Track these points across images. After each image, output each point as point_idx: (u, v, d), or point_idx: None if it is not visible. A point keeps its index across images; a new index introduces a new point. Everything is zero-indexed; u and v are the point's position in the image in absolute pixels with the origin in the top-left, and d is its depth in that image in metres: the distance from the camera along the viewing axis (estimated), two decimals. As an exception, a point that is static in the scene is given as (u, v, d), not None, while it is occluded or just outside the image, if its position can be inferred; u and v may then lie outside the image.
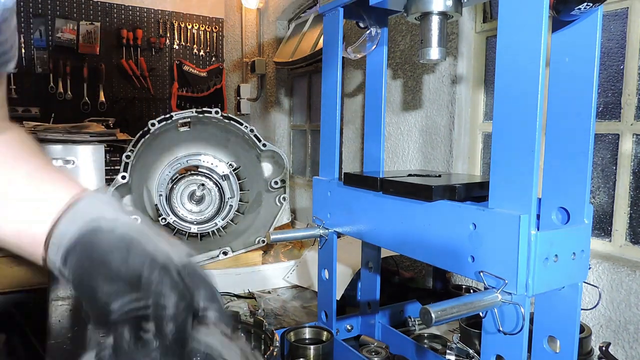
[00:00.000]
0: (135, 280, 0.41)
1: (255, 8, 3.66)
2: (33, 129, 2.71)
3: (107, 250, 0.43)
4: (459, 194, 0.82)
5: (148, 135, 1.65)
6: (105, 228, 0.45)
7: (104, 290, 0.41)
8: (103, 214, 0.47)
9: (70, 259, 0.45)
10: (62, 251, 0.45)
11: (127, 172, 1.60)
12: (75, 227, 0.45)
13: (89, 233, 0.45)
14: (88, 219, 0.46)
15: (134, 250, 0.43)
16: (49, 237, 0.47)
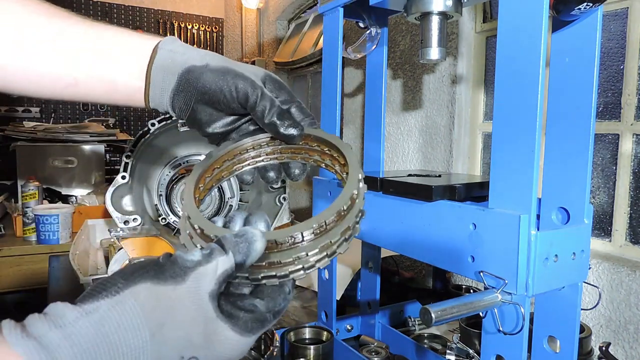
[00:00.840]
0: (243, 100, 0.53)
1: (255, 8, 3.66)
2: (33, 129, 2.71)
3: (211, 79, 0.53)
4: (459, 194, 0.82)
5: (148, 135, 1.65)
6: (198, 66, 0.54)
7: (225, 105, 0.54)
8: (190, 54, 0.55)
9: (177, 100, 0.55)
10: (167, 98, 0.55)
11: (127, 172, 1.60)
12: (172, 75, 0.54)
13: (186, 73, 0.54)
14: (180, 64, 0.54)
15: (232, 76, 0.53)
16: (147, 90, 0.55)
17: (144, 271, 0.40)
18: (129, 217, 1.60)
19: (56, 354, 0.34)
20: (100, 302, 0.37)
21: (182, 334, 0.39)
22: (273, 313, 0.44)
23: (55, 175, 2.66)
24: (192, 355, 0.40)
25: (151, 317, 0.38)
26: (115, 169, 2.80)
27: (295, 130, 0.54)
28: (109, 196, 1.58)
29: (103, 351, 0.36)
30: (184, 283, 0.39)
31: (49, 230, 2.10)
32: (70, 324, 0.36)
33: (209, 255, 0.41)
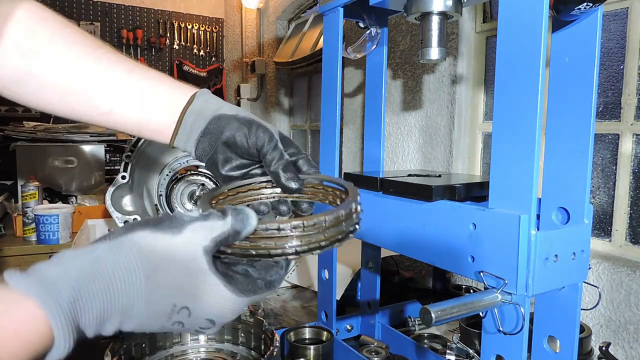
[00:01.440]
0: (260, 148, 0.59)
1: (255, 8, 3.66)
2: (33, 129, 2.71)
3: (237, 129, 0.59)
4: (459, 194, 0.82)
5: (148, 135, 1.65)
6: (228, 115, 0.61)
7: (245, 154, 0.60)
8: (220, 105, 0.62)
9: (203, 142, 0.61)
10: (194, 139, 0.61)
11: (127, 172, 1.60)
12: (203, 120, 0.60)
13: (217, 119, 0.60)
14: (212, 111, 0.61)
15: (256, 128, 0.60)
16: (176, 129, 0.61)
17: (144, 222, 0.43)
18: (129, 217, 1.60)
19: (54, 285, 0.37)
20: (99, 244, 0.41)
21: (175, 280, 0.41)
22: (265, 282, 0.47)
23: (55, 175, 2.66)
24: (184, 305, 0.42)
25: (147, 260, 0.40)
26: (115, 169, 2.80)
27: (295, 183, 0.60)
28: (109, 196, 1.58)
29: (99, 286, 0.38)
30: (180, 234, 0.42)
31: (49, 230, 2.10)
32: (68, 260, 0.39)
33: (206, 215, 0.44)
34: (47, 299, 0.36)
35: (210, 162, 0.63)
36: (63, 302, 0.36)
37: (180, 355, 1.05)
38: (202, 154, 0.62)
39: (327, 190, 0.62)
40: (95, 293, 0.38)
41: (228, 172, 0.63)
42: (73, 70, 0.60)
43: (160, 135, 0.63)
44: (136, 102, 0.62)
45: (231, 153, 0.62)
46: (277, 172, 0.59)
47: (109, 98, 0.62)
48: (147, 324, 0.42)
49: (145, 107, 0.62)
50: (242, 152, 0.61)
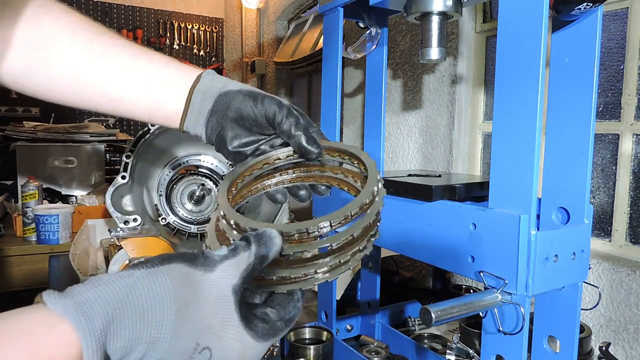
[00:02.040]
0: (271, 117, 0.58)
1: (255, 8, 3.66)
2: (33, 129, 2.71)
3: (243, 101, 0.59)
4: (459, 194, 0.82)
5: (148, 135, 1.65)
6: (234, 90, 0.60)
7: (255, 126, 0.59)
8: (226, 82, 0.62)
9: (212, 120, 0.60)
10: (203, 119, 0.60)
11: (127, 172, 1.60)
12: (210, 99, 0.60)
13: (223, 95, 0.60)
14: (218, 89, 0.60)
15: (262, 97, 0.59)
16: (185, 111, 0.61)
17: (179, 256, 0.43)
18: (129, 217, 1.60)
19: (90, 309, 0.37)
20: (135, 271, 0.41)
21: (204, 316, 0.42)
22: (284, 321, 0.47)
23: (55, 175, 2.66)
24: (207, 345, 0.42)
25: (180, 292, 0.41)
26: (115, 169, 2.80)
27: (316, 148, 0.59)
28: (109, 196, 1.58)
29: (130, 312, 0.39)
30: (212, 272, 0.43)
31: (49, 230, 2.10)
32: (104, 284, 0.39)
33: (234, 250, 0.45)
34: (82, 323, 0.36)
35: (218, 140, 0.62)
36: (96, 327, 0.37)
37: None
38: (211, 133, 0.61)
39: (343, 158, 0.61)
40: (127, 320, 0.38)
41: (237, 149, 0.61)
42: (80, 59, 0.60)
43: (170, 120, 0.63)
44: (145, 87, 0.62)
45: (239, 128, 0.61)
46: (299, 135, 0.58)
47: (117, 85, 0.61)
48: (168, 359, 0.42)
49: (154, 91, 0.62)
50: (251, 125, 0.60)
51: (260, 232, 0.46)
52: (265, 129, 0.60)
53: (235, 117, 0.60)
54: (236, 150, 0.62)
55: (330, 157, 0.62)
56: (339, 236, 0.48)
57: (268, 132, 0.61)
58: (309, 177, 0.63)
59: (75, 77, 0.61)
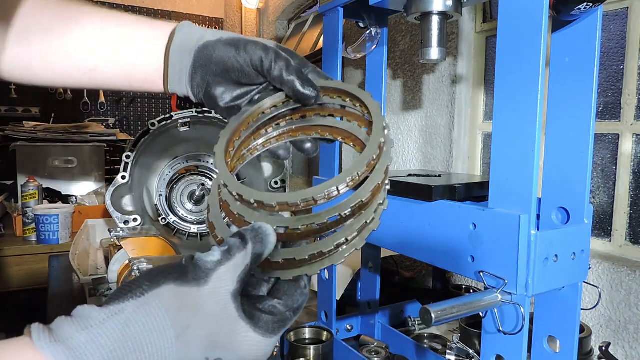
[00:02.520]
0: (258, 64, 0.54)
1: (255, 8, 3.66)
2: (33, 129, 2.71)
3: (224, 51, 0.54)
4: (459, 194, 0.82)
5: (148, 135, 1.65)
6: (213, 41, 0.55)
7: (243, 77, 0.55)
8: (203, 33, 0.57)
9: (195, 77, 0.56)
10: (187, 77, 0.56)
11: (127, 172, 1.60)
12: (188, 54, 0.56)
13: (202, 49, 0.55)
14: (195, 42, 0.56)
15: (244, 44, 0.54)
16: (165, 71, 0.57)
17: (167, 273, 0.40)
18: (129, 217, 1.60)
19: (84, 356, 0.35)
20: (126, 303, 0.38)
21: (207, 334, 0.40)
22: (292, 310, 0.45)
23: (55, 175, 2.66)
24: (217, 357, 0.40)
25: (176, 318, 0.38)
26: (115, 169, 2.80)
27: (312, 91, 0.54)
28: (109, 196, 1.58)
29: (129, 351, 0.37)
30: (207, 285, 0.40)
31: (49, 230, 2.10)
32: (96, 325, 0.37)
33: (228, 252, 0.41)
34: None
35: (207, 97, 0.57)
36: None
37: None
38: (199, 91, 0.57)
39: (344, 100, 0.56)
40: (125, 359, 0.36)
41: (229, 104, 0.57)
42: (49, 31, 0.57)
43: (152, 83, 0.59)
44: (117, 52, 0.58)
45: (227, 82, 0.56)
46: (291, 80, 0.53)
47: (89, 54, 0.57)
48: None
49: (128, 55, 0.58)
50: (239, 76, 0.55)
51: (256, 227, 0.43)
52: (254, 78, 0.55)
53: (219, 71, 0.55)
54: (229, 106, 0.57)
55: (330, 99, 0.57)
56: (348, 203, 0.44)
57: (259, 81, 0.56)
58: (310, 128, 0.58)
59: (45, 50, 0.57)
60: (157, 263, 1.14)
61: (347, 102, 0.56)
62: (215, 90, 0.56)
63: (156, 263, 1.13)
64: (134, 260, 1.15)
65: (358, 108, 0.55)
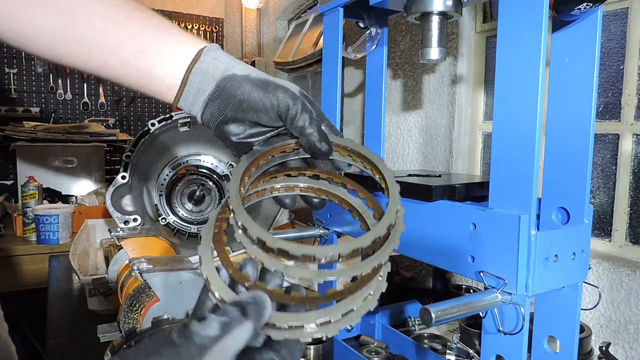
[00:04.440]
0: (284, 111, 0.54)
1: (255, 8, 3.66)
2: (33, 129, 2.71)
3: (251, 90, 0.53)
4: (459, 194, 0.82)
5: (148, 135, 1.65)
6: (240, 75, 0.54)
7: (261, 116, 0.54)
8: (231, 64, 0.56)
9: (211, 106, 0.55)
10: (202, 102, 0.55)
11: (127, 172, 1.60)
12: (211, 80, 0.55)
13: (227, 80, 0.54)
14: (221, 71, 0.55)
15: (273, 88, 0.54)
16: (181, 88, 0.56)
17: (158, 355, 0.35)
18: (129, 217, 1.60)
19: None
20: None
21: None
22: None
23: (55, 175, 2.66)
24: None
25: None
26: (115, 169, 2.80)
27: (326, 148, 0.55)
28: (109, 196, 1.58)
29: None
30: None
31: (49, 230, 2.10)
32: None
33: (227, 326, 0.37)
34: None
35: (219, 129, 0.56)
36: None
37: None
38: (210, 119, 0.56)
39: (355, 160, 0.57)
40: None
41: (241, 140, 0.56)
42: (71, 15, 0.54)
43: (162, 95, 0.58)
44: (134, 55, 0.55)
45: (244, 119, 0.55)
46: (311, 134, 0.53)
47: (104, 49, 0.55)
48: None
49: (145, 61, 0.56)
50: (259, 117, 0.54)
51: (257, 298, 0.39)
52: (274, 122, 0.55)
53: (241, 107, 0.54)
54: (239, 141, 0.56)
55: (340, 156, 0.58)
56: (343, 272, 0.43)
57: (277, 124, 0.56)
58: (320, 191, 0.59)
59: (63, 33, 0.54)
60: (157, 263, 1.13)
61: (357, 162, 0.58)
62: (230, 125, 0.56)
63: (156, 263, 1.13)
64: (134, 260, 1.15)
65: (368, 170, 0.57)
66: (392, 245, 0.47)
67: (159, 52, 0.56)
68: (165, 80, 0.56)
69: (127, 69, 0.56)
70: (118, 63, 0.56)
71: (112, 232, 1.53)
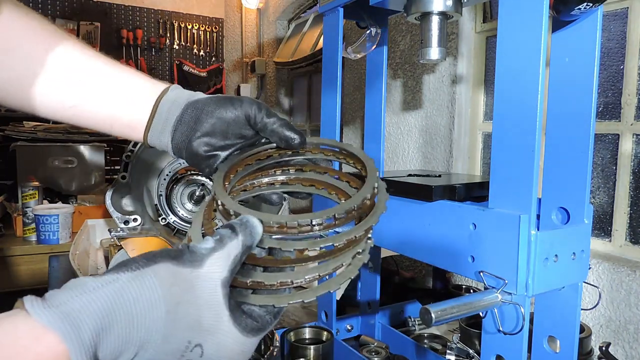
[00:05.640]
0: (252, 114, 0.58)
1: (255, 8, 3.66)
2: (33, 129, 2.71)
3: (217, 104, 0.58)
4: (459, 194, 0.82)
5: (148, 135, 1.65)
6: (204, 98, 0.60)
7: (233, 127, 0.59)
8: (195, 93, 0.61)
9: (181, 127, 0.59)
10: (170, 128, 0.59)
11: (127, 172, 1.60)
12: (178, 106, 0.59)
13: (193, 102, 0.59)
14: (186, 97, 0.60)
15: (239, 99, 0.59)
16: (150, 118, 0.60)
17: (165, 254, 0.42)
18: (129, 217, 1.60)
19: (78, 319, 0.36)
20: (121, 274, 0.39)
21: (195, 314, 0.41)
22: (272, 315, 0.46)
23: (55, 175, 2.66)
24: (198, 342, 0.41)
25: (168, 294, 0.40)
26: (115, 169, 2.80)
27: (298, 135, 0.59)
28: (109, 196, 1.58)
29: (120, 319, 0.37)
30: (201, 268, 0.42)
31: (49, 230, 2.10)
32: (90, 291, 0.37)
33: (220, 241, 0.43)
34: (71, 335, 0.35)
35: (190, 146, 0.60)
36: (85, 337, 0.35)
37: (180, 355, 1.06)
38: (181, 138, 0.59)
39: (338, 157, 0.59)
40: (116, 327, 0.37)
41: (209, 152, 0.60)
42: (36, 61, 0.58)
43: (132, 130, 0.62)
44: (105, 94, 0.60)
45: (212, 132, 0.59)
46: (280, 129, 0.58)
47: (73, 90, 0.60)
48: (160, 358, 0.41)
49: (116, 99, 0.60)
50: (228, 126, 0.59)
51: (244, 220, 0.45)
52: (243, 129, 0.59)
53: (210, 121, 0.58)
54: (210, 154, 0.60)
55: (324, 157, 0.61)
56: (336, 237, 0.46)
57: (246, 133, 0.60)
58: (305, 181, 0.61)
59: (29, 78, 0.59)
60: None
61: (340, 159, 0.60)
62: (201, 139, 0.59)
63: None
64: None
65: (352, 164, 0.59)
66: (380, 210, 0.50)
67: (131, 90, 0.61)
68: (135, 114, 0.61)
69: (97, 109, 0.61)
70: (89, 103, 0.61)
71: (112, 232, 1.53)
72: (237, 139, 0.60)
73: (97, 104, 0.61)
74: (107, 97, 0.61)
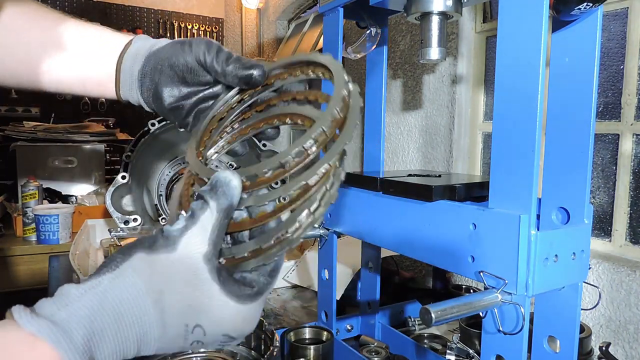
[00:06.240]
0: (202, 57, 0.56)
1: (255, 8, 3.66)
2: (33, 129, 2.71)
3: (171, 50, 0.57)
4: (459, 194, 0.82)
5: (148, 135, 1.65)
6: (163, 45, 0.59)
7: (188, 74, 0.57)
8: (159, 41, 0.60)
9: (145, 81, 0.58)
10: (137, 82, 0.58)
11: (127, 172, 1.60)
12: (140, 60, 0.58)
13: (154, 53, 0.58)
14: (148, 48, 0.59)
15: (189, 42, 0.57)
16: (117, 76, 0.59)
17: (139, 244, 0.41)
18: (129, 217, 1.60)
19: (67, 327, 0.36)
20: (102, 277, 0.40)
21: (181, 298, 0.40)
22: (268, 275, 0.45)
23: (55, 175, 2.66)
24: (197, 324, 0.41)
25: (149, 284, 0.40)
26: (115, 169, 2.80)
27: (257, 69, 0.56)
28: (109, 196, 1.58)
29: (110, 321, 0.38)
30: (175, 251, 0.41)
31: (49, 230, 2.10)
32: (76, 300, 0.38)
33: (191, 217, 0.42)
34: (62, 341, 0.35)
35: (155, 99, 0.59)
36: (77, 342, 0.36)
37: (180, 354, 1.06)
38: (148, 94, 0.59)
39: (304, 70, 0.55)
40: (108, 328, 0.37)
41: (174, 104, 0.58)
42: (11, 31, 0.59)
43: (105, 88, 0.61)
44: (74, 55, 0.60)
45: (173, 82, 0.58)
46: (235, 71, 0.55)
47: (46, 56, 0.60)
48: (166, 347, 0.41)
49: (84, 58, 0.60)
50: (184, 72, 0.57)
51: (214, 181, 0.42)
52: (200, 74, 0.57)
53: (166, 70, 0.57)
54: (173, 106, 0.59)
55: (293, 79, 0.56)
56: None
57: (204, 79, 0.58)
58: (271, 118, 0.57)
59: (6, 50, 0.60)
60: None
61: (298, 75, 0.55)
62: (161, 91, 0.58)
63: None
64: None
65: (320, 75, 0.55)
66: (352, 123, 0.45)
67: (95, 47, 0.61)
68: (104, 72, 0.61)
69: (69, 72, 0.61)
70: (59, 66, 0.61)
71: (112, 232, 1.53)
72: (198, 86, 0.59)
73: (66, 69, 0.61)
74: (75, 59, 0.60)
